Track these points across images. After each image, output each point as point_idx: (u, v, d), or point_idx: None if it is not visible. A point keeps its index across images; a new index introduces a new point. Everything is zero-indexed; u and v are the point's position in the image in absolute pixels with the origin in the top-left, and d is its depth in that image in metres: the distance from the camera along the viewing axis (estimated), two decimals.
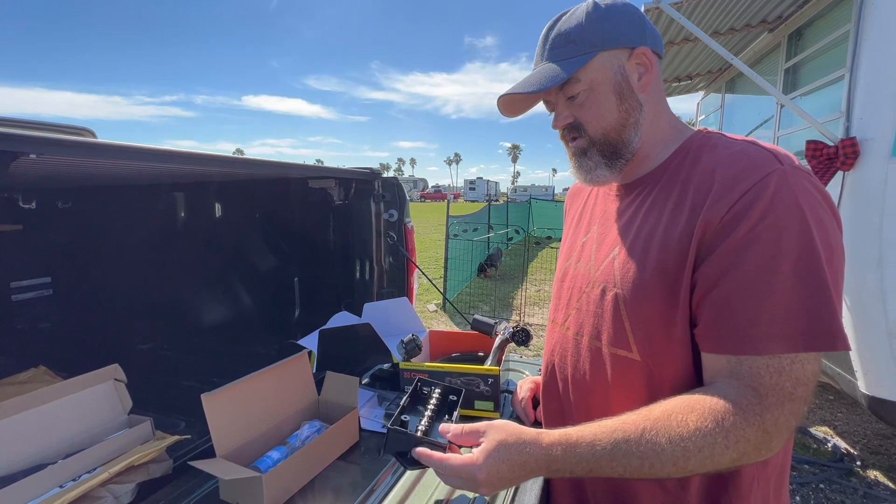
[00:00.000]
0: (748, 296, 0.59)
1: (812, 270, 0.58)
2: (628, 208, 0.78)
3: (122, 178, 1.77)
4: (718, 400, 0.59)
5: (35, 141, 0.77)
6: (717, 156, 0.68)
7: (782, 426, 0.57)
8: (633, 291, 0.70)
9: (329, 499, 0.85)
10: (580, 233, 0.90)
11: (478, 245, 7.77)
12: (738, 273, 0.60)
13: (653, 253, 0.69)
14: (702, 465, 0.58)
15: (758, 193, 0.60)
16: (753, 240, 0.59)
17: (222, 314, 2.28)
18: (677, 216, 0.68)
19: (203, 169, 1.32)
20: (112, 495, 0.84)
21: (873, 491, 2.46)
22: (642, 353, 0.69)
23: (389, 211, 1.78)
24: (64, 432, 0.92)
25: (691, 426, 0.58)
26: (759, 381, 0.58)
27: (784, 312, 0.58)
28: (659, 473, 0.60)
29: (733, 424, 0.57)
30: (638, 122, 0.75)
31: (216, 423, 0.83)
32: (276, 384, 1.00)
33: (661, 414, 0.61)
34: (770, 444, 0.58)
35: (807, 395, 0.58)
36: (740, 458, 0.58)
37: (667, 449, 0.58)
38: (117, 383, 1.02)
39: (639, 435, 0.60)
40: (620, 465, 0.60)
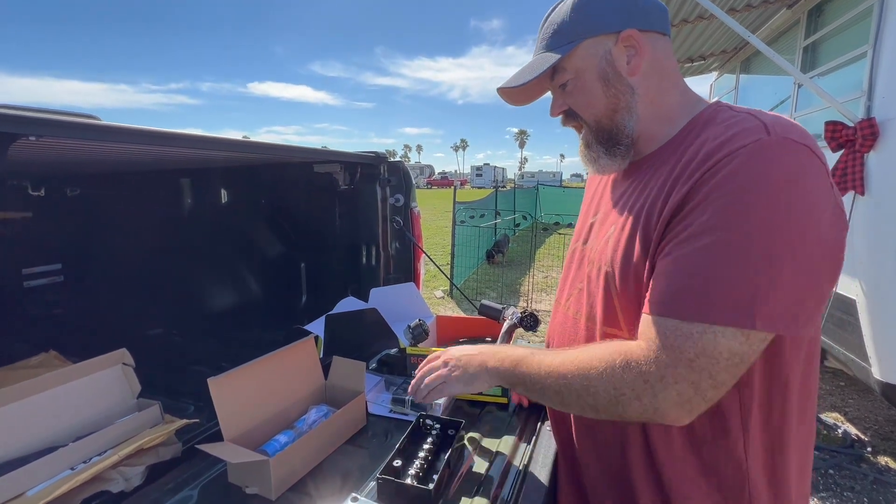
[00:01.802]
0: (680, 263, 0.60)
1: (752, 247, 0.56)
2: (629, 187, 0.77)
3: (129, 164, 1.76)
4: (621, 346, 0.64)
5: (33, 122, 0.75)
6: (711, 129, 0.66)
7: (670, 387, 0.58)
8: (621, 270, 0.70)
9: (337, 482, 0.85)
10: (590, 214, 0.89)
11: (485, 231, 7.73)
12: (679, 240, 0.61)
13: (639, 231, 0.68)
14: (583, 399, 0.65)
15: (725, 164, 0.59)
16: (702, 210, 0.59)
17: (230, 300, 2.29)
18: (661, 193, 0.67)
19: (208, 152, 1.31)
20: (122, 477, 0.84)
21: (883, 477, 2.44)
22: (631, 332, 0.69)
23: (395, 195, 1.76)
24: (74, 416, 0.92)
25: (583, 363, 0.66)
26: (663, 340, 0.59)
27: (703, 283, 0.57)
28: (555, 398, 0.70)
29: (613, 360, 0.63)
30: (630, 107, 0.73)
31: (223, 407, 0.83)
32: (283, 369, 1.00)
33: (572, 348, 0.71)
34: (655, 400, 0.59)
35: (712, 368, 0.56)
36: (619, 401, 0.62)
37: (547, 377, 0.69)
38: (125, 367, 1.02)
39: (543, 366, 0.71)
40: (539, 394, 0.72)
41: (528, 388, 0.74)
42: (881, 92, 2.17)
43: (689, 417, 0.60)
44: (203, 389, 0.82)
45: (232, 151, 1.21)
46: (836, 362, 2.63)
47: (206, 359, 1.65)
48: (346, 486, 0.83)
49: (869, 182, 2.16)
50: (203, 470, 0.87)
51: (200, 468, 0.88)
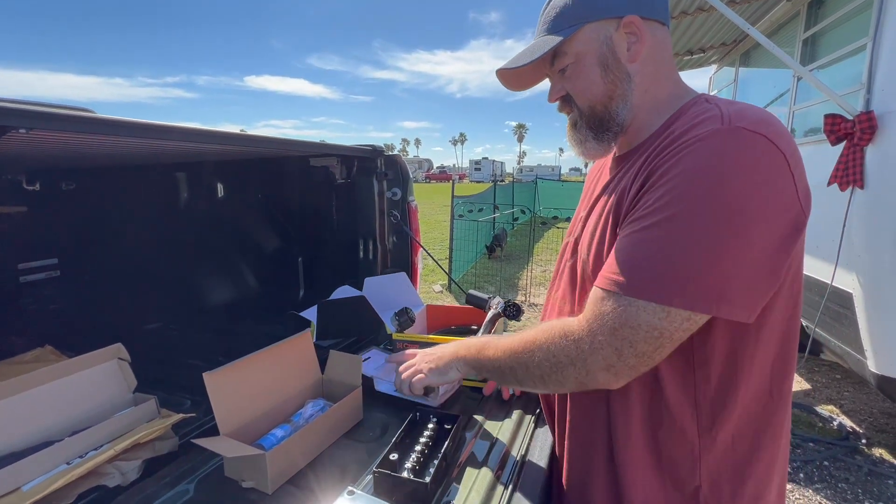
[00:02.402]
0: (621, 244, 0.64)
1: (683, 229, 0.58)
2: (613, 180, 0.78)
3: (124, 158, 1.75)
4: (562, 320, 0.69)
5: (23, 114, 0.74)
6: (680, 120, 0.67)
7: (597, 352, 0.62)
8: (594, 260, 0.72)
9: (334, 476, 0.85)
10: (582, 207, 0.90)
11: (483, 225, 7.73)
12: (628, 223, 0.64)
13: (609, 222, 0.70)
14: (531, 371, 0.71)
15: (677, 152, 0.61)
16: (648, 196, 0.62)
17: (227, 294, 2.29)
18: (632, 181, 0.68)
19: (203, 146, 1.29)
20: (118, 472, 0.84)
21: (878, 468, 2.46)
22: None
23: (392, 189, 1.75)
24: (69, 410, 0.92)
25: (529, 338, 0.72)
26: (594, 308, 0.64)
27: (636, 259, 0.61)
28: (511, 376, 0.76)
29: (554, 332, 0.68)
30: (625, 94, 0.73)
31: (219, 401, 0.83)
32: (279, 363, 1.00)
33: (523, 332, 0.75)
34: (585, 364, 0.64)
35: (632, 338, 0.60)
36: (556, 367, 0.67)
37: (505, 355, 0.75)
38: (121, 362, 1.02)
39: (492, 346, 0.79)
40: (500, 375, 0.79)
41: (491, 371, 0.80)
42: (880, 85, 2.16)
43: (616, 381, 0.64)
44: (200, 384, 0.82)
45: (227, 145, 1.20)
46: (832, 355, 2.64)
47: (202, 353, 1.65)
48: (342, 480, 0.83)
49: (866, 175, 2.16)
50: (199, 464, 0.87)
51: (197, 462, 0.87)
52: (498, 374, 0.79)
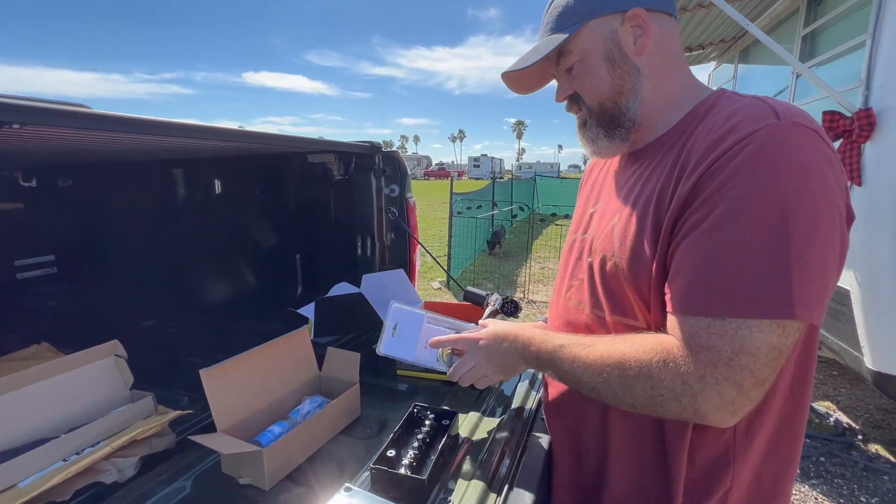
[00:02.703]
0: (701, 255, 0.58)
1: (775, 234, 0.54)
2: (632, 177, 0.76)
3: (121, 154, 1.74)
4: (657, 343, 0.62)
5: (17, 109, 0.74)
6: (715, 117, 0.65)
7: (711, 388, 0.55)
8: (630, 260, 0.69)
9: (331, 472, 0.85)
10: (589, 204, 0.88)
11: (482, 222, 7.72)
12: (697, 232, 0.59)
13: (648, 219, 0.67)
14: (620, 397, 0.64)
15: (739, 150, 0.57)
16: (720, 197, 0.57)
17: (225, 292, 2.28)
18: (669, 181, 0.66)
19: (200, 142, 1.29)
20: (115, 469, 0.84)
21: (873, 464, 2.48)
22: (646, 319, 0.69)
23: (390, 186, 1.74)
24: (66, 407, 0.92)
25: (619, 360, 0.64)
26: (696, 339, 0.57)
27: (734, 275, 0.55)
28: (591, 392, 0.69)
29: (653, 365, 0.60)
30: (635, 89, 0.72)
31: (216, 398, 0.83)
32: (277, 360, 1.00)
33: (604, 340, 0.69)
34: (695, 402, 0.57)
35: (754, 365, 0.54)
36: (657, 401, 0.60)
37: (590, 373, 0.67)
38: (118, 359, 1.02)
39: (580, 358, 0.69)
40: (573, 385, 0.72)
41: (563, 378, 0.74)
42: (879, 82, 2.16)
43: (733, 419, 0.57)
44: (197, 381, 0.82)
45: (225, 141, 1.19)
46: (829, 352, 2.65)
47: (200, 350, 1.65)
48: (340, 476, 0.83)
49: (864, 172, 2.16)
50: (197, 461, 0.87)
51: (194, 459, 0.87)
52: (573, 384, 0.72)
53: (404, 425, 0.89)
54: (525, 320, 4.90)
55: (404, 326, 1.04)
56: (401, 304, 1.12)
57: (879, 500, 2.26)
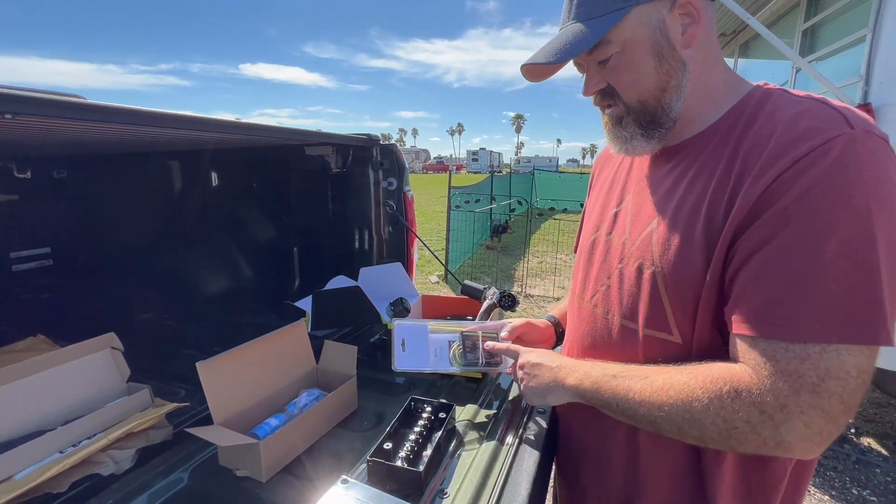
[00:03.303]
0: (778, 274, 0.53)
1: (861, 253, 0.50)
2: (668, 176, 0.70)
3: (116, 146, 1.73)
4: (724, 372, 0.57)
5: (9, 99, 0.72)
6: (775, 118, 0.59)
7: (795, 418, 0.51)
8: (674, 270, 0.63)
9: (328, 464, 0.85)
10: (612, 201, 0.82)
11: (480, 216, 7.72)
12: (772, 248, 0.54)
13: (697, 228, 0.62)
14: (685, 431, 0.59)
15: (813, 160, 0.52)
16: (797, 212, 0.52)
17: (222, 284, 2.28)
18: (724, 186, 0.60)
19: (196, 134, 1.28)
20: (112, 460, 0.84)
21: (865, 457, 2.51)
22: (684, 335, 0.65)
23: (388, 179, 1.73)
24: (62, 399, 0.92)
25: (682, 393, 0.59)
26: (774, 364, 0.53)
27: (817, 296, 0.51)
28: (649, 426, 0.64)
29: (723, 396, 0.55)
30: (680, 85, 0.65)
31: (212, 390, 0.83)
32: (273, 352, 0.99)
33: (662, 371, 0.64)
34: (777, 433, 0.52)
35: (843, 391, 0.50)
36: (731, 434, 0.55)
37: (649, 402, 0.62)
38: (114, 351, 1.02)
39: (631, 389, 0.65)
40: (627, 418, 0.67)
41: (615, 411, 0.68)
42: (878, 77, 2.16)
43: (819, 449, 0.53)
44: (194, 373, 0.82)
45: (223, 133, 1.18)
46: None
47: (196, 343, 1.65)
48: (337, 469, 0.83)
49: None
50: (194, 453, 0.87)
51: (191, 451, 0.88)
52: (626, 417, 0.67)
53: (401, 418, 0.89)
54: (523, 314, 4.91)
55: (412, 340, 1.08)
56: (402, 320, 1.15)
57: (871, 492, 2.29)
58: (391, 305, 1.24)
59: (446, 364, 1.04)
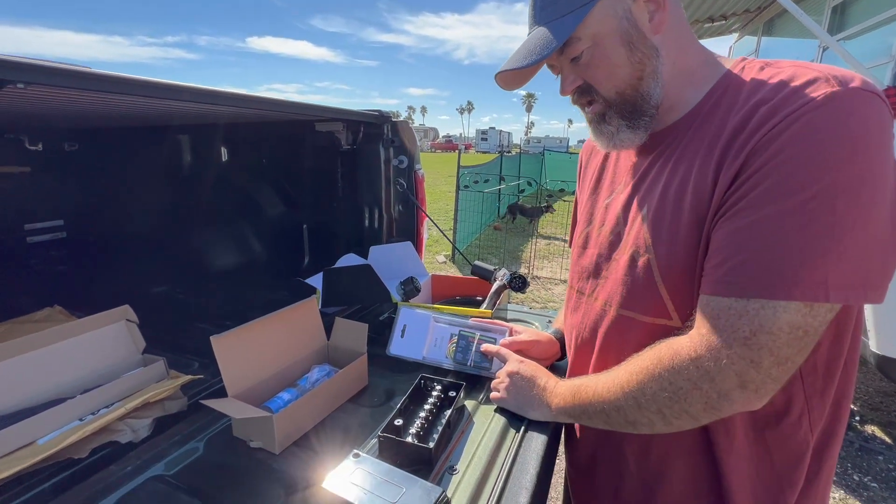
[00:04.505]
0: (740, 233, 0.54)
1: (819, 211, 0.50)
2: (655, 163, 0.71)
3: (126, 119, 1.72)
4: (666, 343, 0.61)
5: (22, 68, 0.72)
6: (758, 88, 0.59)
7: (727, 368, 0.54)
8: (667, 255, 0.65)
9: (339, 438, 0.87)
10: (602, 194, 0.82)
11: (488, 196, 7.66)
12: (740, 208, 0.55)
13: (685, 210, 0.62)
14: (646, 409, 0.63)
15: (791, 121, 0.52)
16: (769, 173, 0.53)
17: (233, 260, 2.30)
18: (709, 162, 0.61)
19: (208, 106, 1.26)
20: (130, 429, 0.86)
21: (869, 444, 2.52)
22: (683, 318, 0.65)
23: (399, 157, 1.71)
24: (80, 369, 0.94)
25: (633, 370, 0.64)
26: (715, 321, 0.56)
27: (768, 254, 0.52)
28: (627, 425, 0.67)
29: (661, 358, 0.60)
30: (656, 71, 0.66)
31: (226, 364, 0.84)
32: (285, 328, 1.00)
33: (621, 366, 0.68)
34: (714, 385, 0.55)
35: (773, 345, 0.52)
36: (678, 395, 0.58)
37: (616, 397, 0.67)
38: (129, 324, 1.03)
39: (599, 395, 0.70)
40: (604, 420, 0.70)
41: (593, 415, 0.72)
42: None
43: (759, 400, 0.55)
44: (207, 346, 0.83)
45: (233, 106, 1.17)
46: None
47: (209, 317, 1.67)
48: (347, 443, 0.85)
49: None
50: (208, 424, 0.89)
51: (206, 422, 0.90)
52: (602, 417, 0.70)
53: (411, 395, 0.90)
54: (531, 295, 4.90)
55: (413, 328, 1.10)
56: (409, 305, 1.16)
57: (872, 478, 2.31)
58: (401, 284, 1.25)
59: (441, 357, 1.07)
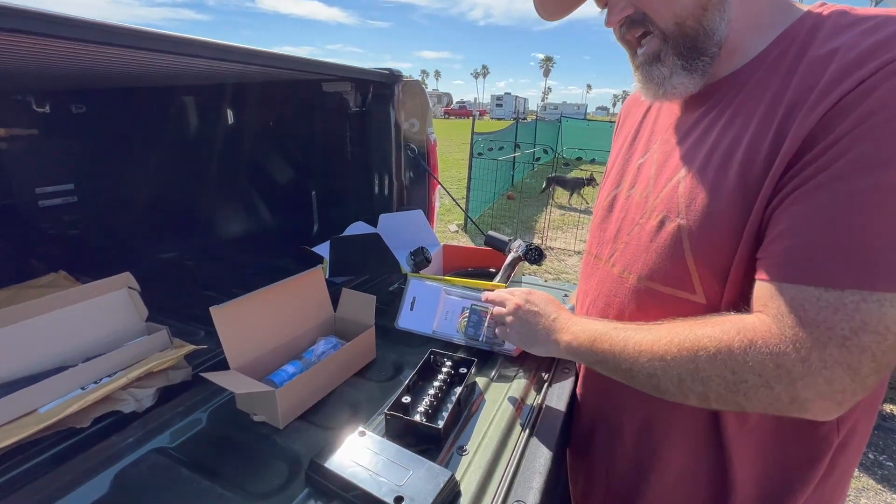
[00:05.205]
0: (822, 210, 0.46)
1: None
2: (702, 119, 0.62)
3: (134, 77, 1.65)
4: (737, 322, 0.51)
5: (14, 14, 0.65)
6: (835, 39, 0.50)
7: (816, 373, 0.45)
8: (701, 221, 0.57)
9: (345, 414, 0.84)
10: (636, 153, 0.74)
11: (503, 165, 7.48)
12: (819, 182, 0.46)
13: (731, 173, 0.54)
14: (687, 385, 0.54)
15: (881, 80, 0.44)
16: (856, 140, 0.45)
17: (242, 227, 2.27)
18: (769, 123, 0.52)
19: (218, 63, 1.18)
20: (133, 398, 0.85)
21: (886, 423, 2.48)
22: (709, 295, 0.58)
23: (411, 120, 1.62)
24: (82, 337, 0.92)
25: (687, 341, 0.54)
26: (800, 313, 0.46)
27: (864, 236, 0.44)
28: (647, 382, 0.59)
29: (734, 346, 0.50)
30: (724, 1, 0.56)
31: (228, 335, 0.81)
32: (290, 299, 0.96)
33: (668, 323, 0.59)
34: (793, 389, 0.47)
35: (877, 347, 0.44)
36: (739, 388, 0.50)
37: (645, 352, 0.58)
38: (131, 291, 1.00)
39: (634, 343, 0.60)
40: (624, 375, 0.62)
41: (611, 368, 0.64)
42: None
43: (838, 411, 0.48)
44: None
45: (243, 62, 1.09)
46: None
47: (216, 284, 1.65)
48: (354, 419, 0.82)
49: None
50: (212, 395, 0.87)
51: (209, 393, 0.87)
52: (624, 374, 0.62)
53: (420, 371, 0.87)
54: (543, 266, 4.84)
55: (423, 300, 1.05)
56: (419, 276, 1.11)
57: (887, 457, 2.28)
58: (411, 255, 1.19)
59: (452, 331, 1.02)
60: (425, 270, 1.22)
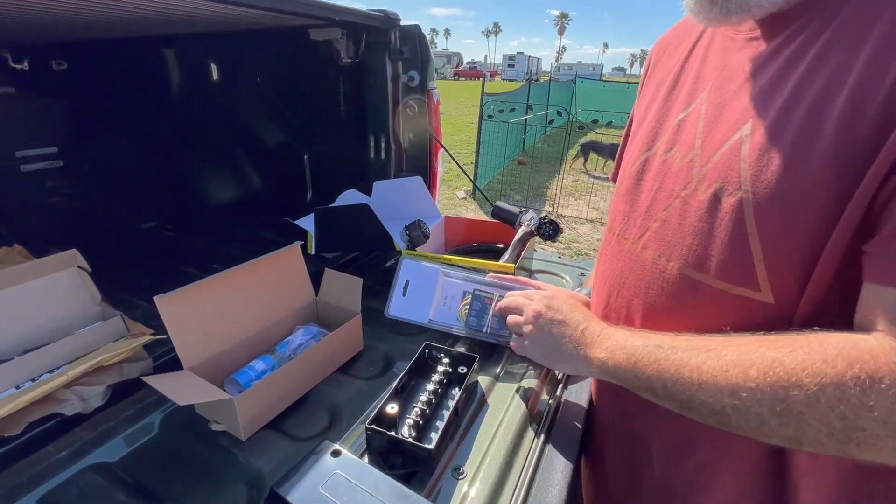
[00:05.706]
0: None
1: None
2: (774, 58, 0.47)
3: (110, 25, 1.47)
4: (848, 345, 0.39)
5: None
6: None
7: None
8: (776, 197, 0.43)
9: (323, 419, 0.71)
10: (675, 105, 0.57)
11: (513, 128, 7.15)
12: None
13: (826, 132, 0.40)
14: (773, 428, 0.41)
15: None
16: None
17: (229, 194, 2.12)
18: (876, 66, 0.38)
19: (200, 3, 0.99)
20: (78, 398, 0.73)
21: None
22: (780, 294, 0.44)
23: (409, 72, 1.42)
24: (19, 325, 0.79)
25: (776, 373, 0.40)
26: None
27: None
28: (713, 418, 0.46)
29: (846, 383, 0.37)
30: None
31: (178, 329, 0.67)
32: (262, 282, 0.82)
33: (733, 342, 0.45)
34: None
35: None
36: (850, 437, 0.37)
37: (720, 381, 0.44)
38: (81, 271, 0.87)
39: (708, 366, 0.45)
40: (681, 406, 0.49)
41: (661, 397, 0.50)
42: None
43: None
44: None
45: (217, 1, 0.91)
46: None
47: (198, 259, 1.52)
48: (334, 425, 0.70)
49: None
50: None
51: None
52: (679, 406, 0.49)
53: (411, 370, 0.73)
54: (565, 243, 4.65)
55: (417, 283, 0.89)
56: (412, 255, 0.95)
57: None
58: (406, 229, 1.04)
59: (452, 319, 0.87)
60: (424, 247, 1.06)
